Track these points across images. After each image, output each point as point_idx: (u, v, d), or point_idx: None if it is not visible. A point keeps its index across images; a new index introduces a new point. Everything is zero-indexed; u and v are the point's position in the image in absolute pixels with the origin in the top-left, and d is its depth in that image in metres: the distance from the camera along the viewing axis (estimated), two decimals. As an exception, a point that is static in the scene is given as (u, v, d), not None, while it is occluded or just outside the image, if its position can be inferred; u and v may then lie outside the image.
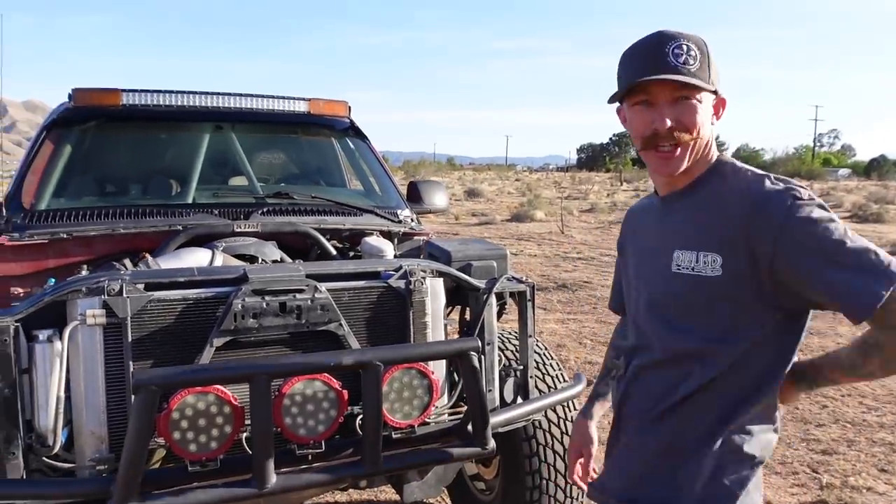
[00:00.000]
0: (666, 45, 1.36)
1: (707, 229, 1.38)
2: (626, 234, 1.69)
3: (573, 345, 6.69)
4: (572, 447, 1.89)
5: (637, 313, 1.56)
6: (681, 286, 1.40)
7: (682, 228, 1.43)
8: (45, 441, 1.98)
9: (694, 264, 1.37)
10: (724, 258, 1.33)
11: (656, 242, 1.49)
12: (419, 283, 2.37)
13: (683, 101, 1.37)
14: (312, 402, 1.94)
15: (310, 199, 3.42)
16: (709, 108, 1.40)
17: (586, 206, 23.83)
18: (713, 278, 1.34)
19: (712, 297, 1.36)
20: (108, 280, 2.02)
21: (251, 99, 3.47)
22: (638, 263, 1.58)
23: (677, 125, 1.37)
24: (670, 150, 1.39)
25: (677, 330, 1.43)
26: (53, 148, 3.22)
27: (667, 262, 1.43)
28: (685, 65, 1.35)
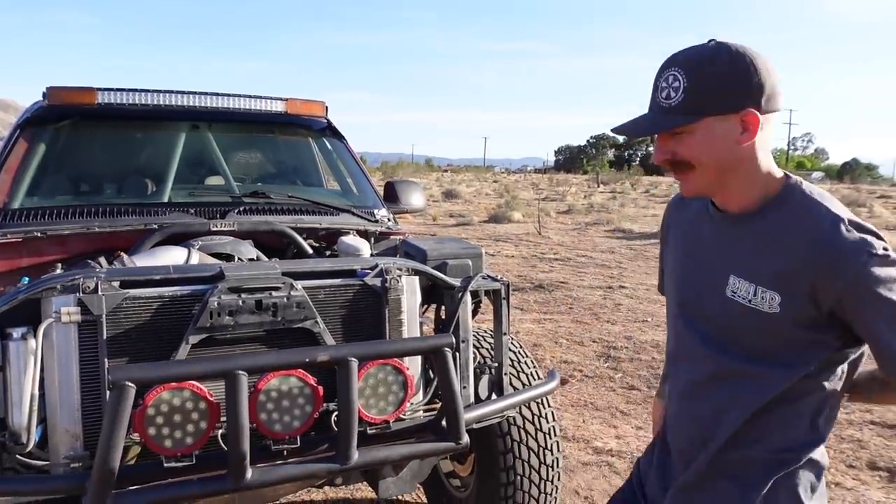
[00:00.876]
0: (659, 77, 1.34)
1: (769, 265, 1.32)
2: (670, 225, 1.63)
3: (549, 344, 6.75)
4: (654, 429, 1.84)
5: (679, 316, 1.52)
6: (735, 313, 1.36)
7: (742, 256, 1.37)
8: (19, 439, 1.98)
9: (751, 297, 1.33)
10: (783, 297, 1.29)
11: (712, 256, 1.44)
12: (395, 282, 2.40)
13: (679, 134, 1.32)
14: (288, 399, 1.96)
15: (286, 199, 3.44)
16: (714, 133, 1.30)
17: (563, 208, 23.96)
18: (770, 314, 1.30)
19: (766, 329, 1.32)
20: (83, 277, 2.02)
21: (228, 98, 3.47)
22: (686, 267, 1.51)
23: (675, 157, 1.35)
24: (678, 175, 1.38)
25: (724, 351, 1.40)
26: (27, 146, 3.20)
27: (721, 284, 1.39)
28: (667, 99, 1.31)
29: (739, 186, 1.36)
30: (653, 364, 6.12)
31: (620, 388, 5.62)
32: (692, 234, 1.51)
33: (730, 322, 1.38)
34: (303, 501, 3.69)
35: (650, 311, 8.16)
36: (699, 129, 1.30)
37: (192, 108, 3.41)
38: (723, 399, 1.40)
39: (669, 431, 1.56)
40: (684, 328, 1.49)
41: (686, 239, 1.53)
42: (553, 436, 3.00)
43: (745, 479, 1.38)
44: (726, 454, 1.40)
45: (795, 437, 1.36)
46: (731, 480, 1.40)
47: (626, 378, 5.83)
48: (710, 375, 1.43)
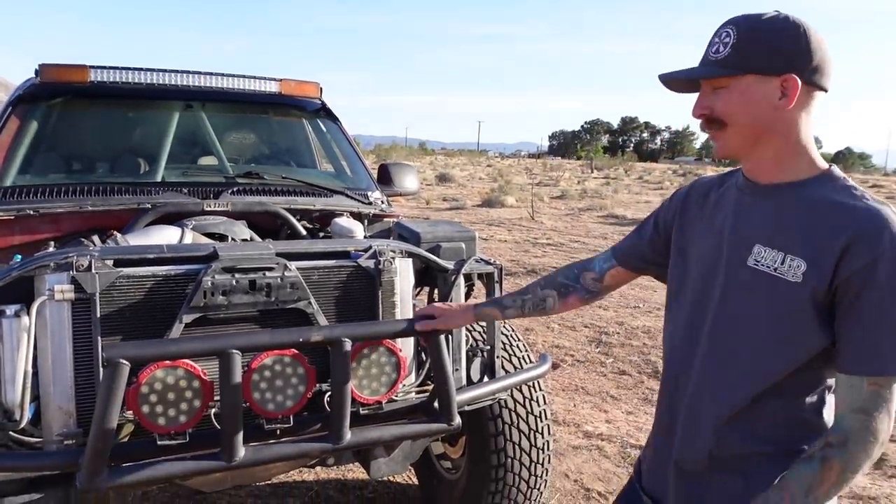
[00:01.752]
0: (713, 35, 1.36)
1: (801, 232, 1.30)
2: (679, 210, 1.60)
3: (541, 329, 6.78)
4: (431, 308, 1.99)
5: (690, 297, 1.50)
6: (754, 284, 1.35)
7: (772, 225, 1.36)
8: (12, 416, 1.98)
9: (778, 265, 1.32)
10: (809, 266, 1.28)
11: (734, 229, 1.42)
12: (388, 264, 2.40)
13: (718, 90, 1.35)
14: (281, 378, 1.97)
15: (280, 180, 3.43)
16: (753, 93, 1.32)
17: (557, 193, 23.97)
18: (791, 283, 1.29)
19: (781, 302, 1.31)
20: (76, 255, 2.02)
21: (222, 78, 3.45)
22: (704, 245, 1.49)
23: (712, 114, 1.36)
24: (712, 134, 1.39)
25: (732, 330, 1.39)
26: (20, 124, 3.17)
27: (744, 255, 1.38)
28: (715, 53, 1.34)
29: (772, 155, 1.36)
30: (643, 350, 6.16)
31: (611, 373, 5.66)
32: (714, 215, 1.50)
33: (745, 296, 1.37)
34: (295, 481, 3.71)
35: (642, 297, 8.20)
36: (739, 85, 1.32)
37: (185, 88, 3.39)
38: (723, 381, 1.40)
39: (667, 413, 1.55)
40: (693, 308, 1.48)
41: (707, 221, 1.51)
42: (544, 419, 3.02)
43: (750, 473, 1.38)
44: (729, 447, 1.40)
45: (799, 430, 1.36)
46: (735, 474, 1.39)
47: (617, 363, 5.87)
48: (712, 356, 1.42)
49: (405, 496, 3.64)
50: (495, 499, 2.98)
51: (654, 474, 1.59)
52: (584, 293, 1.82)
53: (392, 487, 3.73)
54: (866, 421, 1.23)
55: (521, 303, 1.89)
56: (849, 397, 1.26)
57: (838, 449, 1.24)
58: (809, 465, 1.26)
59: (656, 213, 1.69)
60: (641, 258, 1.71)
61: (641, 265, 1.73)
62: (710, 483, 1.44)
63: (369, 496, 3.62)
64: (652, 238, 1.68)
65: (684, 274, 1.54)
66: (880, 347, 1.24)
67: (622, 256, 1.76)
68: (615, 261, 1.77)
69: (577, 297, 1.83)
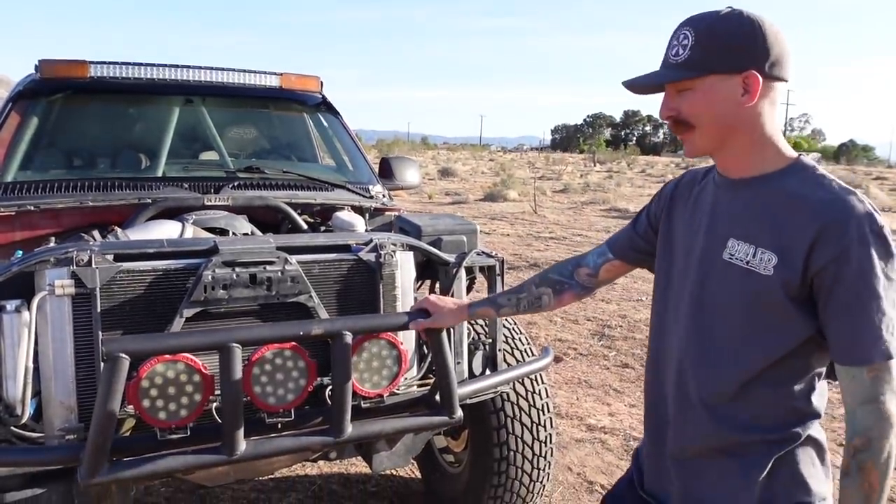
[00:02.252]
0: (671, 38, 1.38)
1: (771, 225, 1.33)
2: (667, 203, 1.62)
3: (544, 322, 6.77)
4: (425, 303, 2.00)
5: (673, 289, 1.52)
6: (730, 277, 1.37)
7: (744, 219, 1.38)
8: (14, 411, 1.98)
9: (749, 258, 1.34)
10: (779, 259, 1.30)
11: (711, 223, 1.45)
12: (389, 257, 2.40)
13: (682, 92, 1.37)
14: (282, 372, 1.97)
15: (281, 174, 3.43)
16: (716, 92, 1.34)
17: (560, 187, 23.95)
18: (763, 277, 1.31)
19: (756, 294, 1.33)
20: (76, 250, 2.02)
21: (222, 72, 3.44)
22: (686, 239, 1.52)
23: (678, 115, 1.38)
24: (681, 136, 1.41)
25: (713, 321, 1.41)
26: (20, 120, 3.17)
27: (720, 249, 1.40)
28: (675, 56, 1.35)
29: (741, 150, 1.38)
30: (646, 343, 6.13)
31: (614, 366, 5.66)
32: (695, 210, 1.52)
33: (722, 289, 1.39)
34: (298, 476, 3.72)
35: (645, 290, 8.19)
36: (702, 86, 1.34)
37: (185, 82, 3.38)
38: (707, 372, 1.41)
39: (655, 406, 1.57)
40: (675, 301, 1.50)
41: (689, 215, 1.53)
42: (546, 412, 3.02)
43: (745, 458, 1.38)
44: (720, 436, 1.41)
45: (789, 417, 1.37)
46: (731, 458, 1.40)
47: (619, 356, 5.86)
48: (695, 348, 1.44)
49: (408, 490, 3.65)
50: (498, 492, 2.99)
51: (651, 471, 1.59)
52: (578, 289, 1.84)
53: (395, 481, 3.74)
54: (877, 410, 1.25)
55: (517, 301, 1.90)
56: (852, 389, 1.28)
57: (866, 451, 1.26)
58: (851, 479, 1.28)
59: (648, 206, 1.72)
60: (637, 250, 1.73)
61: (638, 257, 1.74)
62: (705, 470, 1.45)
63: (372, 490, 3.62)
64: (646, 230, 1.70)
65: (669, 266, 1.56)
66: (862, 336, 1.25)
67: (619, 250, 1.77)
68: (611, 254, 1.78)
69: (572, 294, 1.85)
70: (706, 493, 1.44)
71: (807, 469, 1.38)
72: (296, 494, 3.53)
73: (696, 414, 1.44)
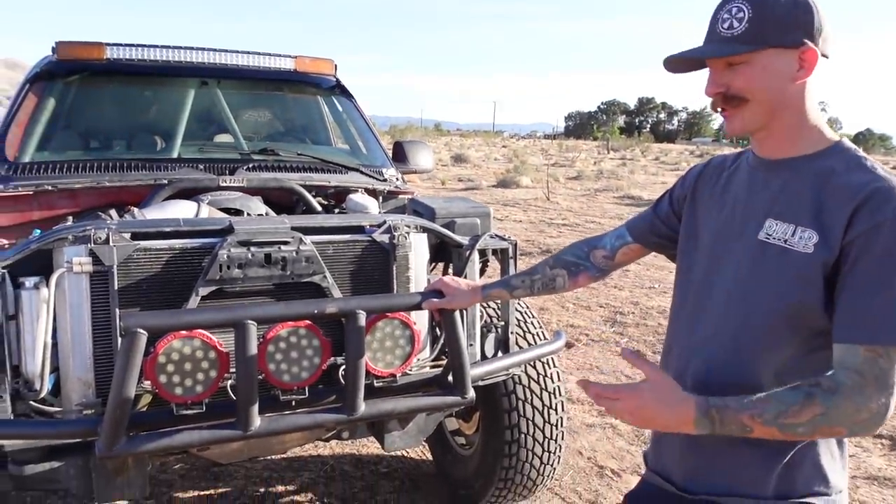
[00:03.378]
0: (719, 9, 1.35)
1: (813, 205, 1.30)
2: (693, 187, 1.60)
3: (556, 308, 6.78)
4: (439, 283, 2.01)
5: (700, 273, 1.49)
6: (765, 256, 1.35)
7: (784, 199, 1.35)
8: (32, 386, 2.02)
9: (788, 237, 1.31)
10: (820, 237, 1.27)
11: (745, 204, 1.43)
12: (403, 238, 2.41)
13: (733, 66, 1.33)
14: (296, 350, 1.98)
15: (295, 157, 3.44)
16: (773, 66, 1.31)
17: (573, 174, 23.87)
18: (803, 255, 1.29)
19: (793, 274, 1.30)
20: (94, 228, 2.04)
21: (237, 55, 3.46)
22: (717, 222, 1.49)
23: (728, 91, 1.34)
24: (728, 111, 1.37)
25: (743, 306, 1.38)
26: (37, 101, 3.20)
27: (755, 229, 1.38)
28: (729, 29, 1.32)
29: (786, 128, 1.36)
30: (658, 330, 6.15)
31: (626, 352, 5.65)
32: (724, 193, 1.50)
33: (756, 269, 1.36)
34: (310, 456, 3.75)
35: (657, 277, 8.17)
36: (759, 60, 1.31)
37: (200, 65, 3.40)
38: (734, 355, 1.39)
39: None
40: (703, 283, 1.47)
41: (718, 198, 1.51)
42: (558, 396, 3.03)
43: (768, 446, 1.36)
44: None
45: None
46: (752, 447, 1.38)
47: (631, 343, 5.86)
48: (723, 331, 1.41)
49: (419, 471, 3.68)
50: (508, 474, 3.00)
51: (661, 452, 1.58)
52: (594, 271, 1.83)
53: (406, 463, 3.77)
54: (860, 382, 1.20)
55: (531, 283, 1.89)
56: (843, 360, 1.23)
57: (826, 393, 1.20)
58: (792, 393, 1.22)
59: (671, 190, 1.69)
60: (658, 234, 1.71)
61: (659, 242, 1.72)
62: (724, 458, 1.43)
63: (383, 471, 3.66)
64: (668, 214, 1.67)
65: (693, 250, 1.54)
66: (872, 313, 1.22)
67: (638, 233, 1.75)
68: (630, 238, 1.76)
69: (588, 275, 1.84)
70: (725, 481, 1.43)
71: (826, 460, 1.37)
72: (308, 474, 3.56)
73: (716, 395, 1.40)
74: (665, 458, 1.56)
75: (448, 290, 2.00)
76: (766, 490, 1.38)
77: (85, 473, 2.14)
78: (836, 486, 1.39)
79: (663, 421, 1.28)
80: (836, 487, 1.38)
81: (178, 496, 3.31)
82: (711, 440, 1.42)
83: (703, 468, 1.47)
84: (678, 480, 1.51)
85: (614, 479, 3.65)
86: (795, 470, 1.37)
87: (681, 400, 1.27)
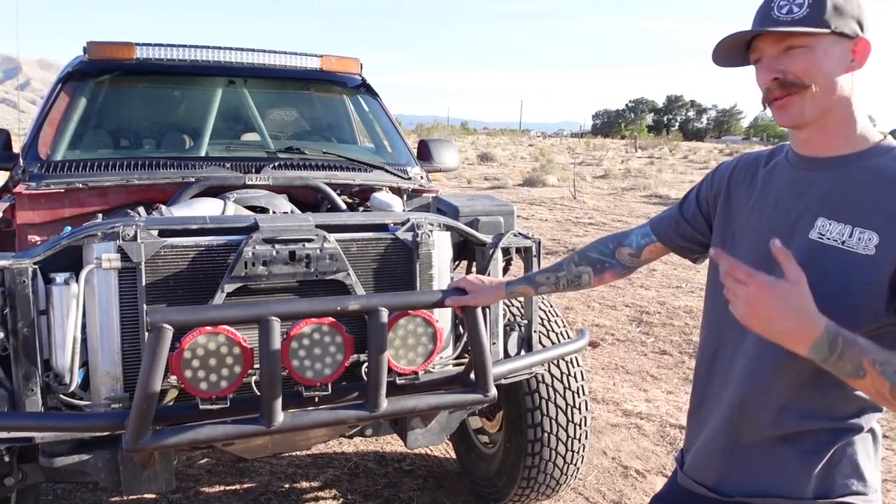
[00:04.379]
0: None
1: (870, 205, 1.27)
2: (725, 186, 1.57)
3: (581, 307, 6.75)
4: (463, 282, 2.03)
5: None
6: (818, 257, 1.31)
7: (836, 198, 1.32)
8: (62, 380, 2.06)
9: (846, 238, 1.28)
10: (882, 238, 1.24)
11: (790, 203, 1.39)
12: (426, 236, 2.41)
13: (791, 51, 1.30)
14: (319, 346, 2.00)
15: (321, 155, 3.47)
16: (832, 53, 1.29)
17: (600, 173, 23.72)
18: (863, 257, 1.25)
19: (849, 275, 1.27)
20: (122, 225, 2.08)
21: (263, 55, 3.49)
22: (757, 221, 1.46)
23: (786, 76, 1.31)
24: (785, 99, 1.33)
25: None
26: (69, 100, 3.26)
27: (804, 229, 1.34)
28: (789, 14, 1.30)
29: (836, 123, 1.34)
30: (685, 330, 6.09)
31: (652, 352, 5.61)
32: (764, 191, 1.47)
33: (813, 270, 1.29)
34: (334, 453, 3.78)
35: (684, 277, 8.09)
36: (820, 45, 1.30)
37: (228, 64, 3.44)
38: (780, 359, 1.35)
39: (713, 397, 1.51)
40: None
41: (758, 197, 1.48)
42: (581, 395, 3.01)
43: (805, 446, 1.36)
44: (786, 424, 1.37)
45: (855, 407, 1.34)
46: (791, 446, 1.38)
47: (657, 343, 5.81)
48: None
49: (442, 469, 3.68)
50: (531, 473, 3.00)
51: (697, 456, 1.55)
52: (620, 268, 1.81)
53: (429, 461, 3.78)
54: None
55: (556, 279, 1.89)
56: None
57: None
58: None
59: (697, 189, 1.66)
60: (684, 236, 1.68)
61: (682, 242, 1.69)
62: (762, 456, 1.42)
63: (407, 469, 3.67)
64: (695, 214, 1.64)
65: (732, 250, 1.48)
66: None
67: (663, 233, 1.72)
68: (654, 237, 1.74)
69: (613, 273, 1.82)
70: (761, 482, 1.41)
71: (864, 460, 1.36)
72: (332, 471, 3.59)
73: (760, 403, 1.39)
74: (699, 461, 1.54)
75: (471, 287, 2.00)
76: (804, 491, 1.36)
77: (113, 466, 2.18)
78: (873, 485, 1.38)
79: (782, 326, 1.16)
80: (872, 486, 1.38)
81: (204, 490, 3.35)
82: (748, 442, 1.41)
83: (739, 469, 1.45)
84: (711, 483, 1.50)
85: (639, 479, 3.63)
86: (834, 469, 1.35)
87: (813, 314, 1.16)
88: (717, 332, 1.52)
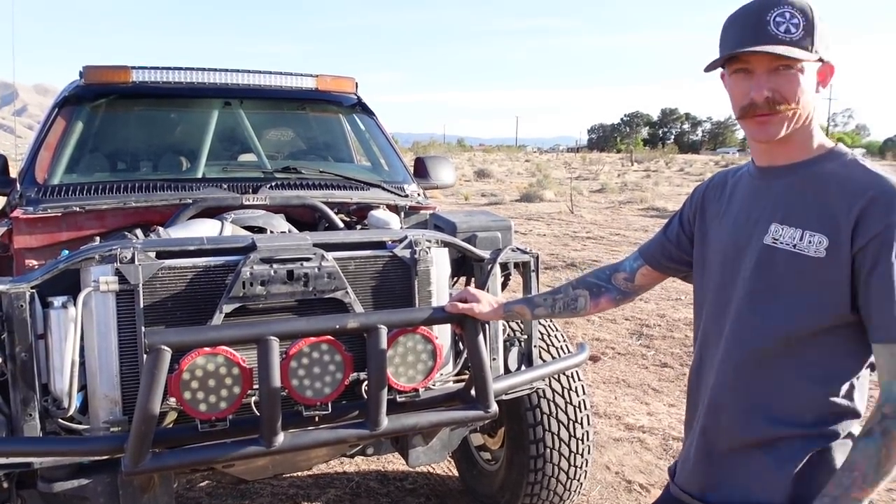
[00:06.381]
0: (768, 12, 1.33)
1: (819, 207, 1.33)
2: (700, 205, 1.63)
3: (581, 322, 6.73)
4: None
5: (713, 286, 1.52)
6: (774, 261, 1.37)
7: (787, 203, 1.38)
8: (61, 404, 2.05)
9: (797, 241, 1.33)
10: (831, 241, 1.29)
11: (750, 212, 1.45)
12: (424, 253, 2.41)
13: (783, 70, 1.33)
14: (319, 365, 1.99)
15: (317, 174, 3.47)
16: (812, 76, 1.35)
17: (597, 187, 23.78)
18: (814, 259, 1.31)
19: (805, 278, 1.33)
20: (120, 248, 2.07)
21: (259, 75, 3.51)
22: (723, 233, 1.52)
23: (775, 95, 1.34)
24: (768, 115, 1.35)
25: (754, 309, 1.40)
26: (65, 124, 3.27)
27: (761, 235, 1.40)
28: (787, 34, 1.31)
29: (802, 136, 1.39)
30: (686, 342, 6.08)
31: (653, 365, 5.60)
32: (730, 204, 1.53)
33: (765, 274, 1.39)
34: (336, 473, 3.75)
35: (683, 289, 8.08)
36: (808, 68, 1.35)
37: (224, 86, 3.45)
38: (748, 365, 1.41)
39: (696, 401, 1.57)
40: (716, 296, 1.50)
41: (725, 212, 1.53)
42: (583, 409, 3.00)
43: (781, 453, 1.38)
44: (759, 430, 1.40)
45: (830, 413, 1.36)
46: (766, 453, 1.40)
47: (658, 356, 5.80)
48: (736, 341, 1.44)
49: (445, 487, 3.66)
50: (535, 489, 2.98)
51: (685, 466, 1.59)
52: (616, 293, 1.83)
53: (432, 479, 3.75)
54: None
55: (553, 302, 1.90)
56: (889, 366, 1.27)
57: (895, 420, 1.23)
58: (872, 440, 1.25)
59: (681, 211, 1.71)
60: (669, 257, 1.72)
61: (669, 265, 1.73)
62: (740, 463, 1.44)
63: (409, 487, 3.64)
64: (678, 235, 1.69)
65: (706, 265, 1.56)
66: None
67: (649, 256, 1.77)
68: (643, 260, 1.78)
69: (609, 298, 1.84)
70: (741, 490, 1.44)
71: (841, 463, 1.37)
72: (334, 491, 3.56)
73: (735, 409, 1.44)
74: (686, 469, 1.58)
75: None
76: (781, 497, 1.38)
77: (112, 490, 2.16)
78: None
79: None
80: None
81: (205, 513, 3.33)
82: (724, 448, 1.46)
83: (720, 478, 1.48)
84: (697, 491, 1.53)
85: (643, 493, 3.60)
86: (812, 477, 1.37)
87: None
88: (702, 343, 1.57)
